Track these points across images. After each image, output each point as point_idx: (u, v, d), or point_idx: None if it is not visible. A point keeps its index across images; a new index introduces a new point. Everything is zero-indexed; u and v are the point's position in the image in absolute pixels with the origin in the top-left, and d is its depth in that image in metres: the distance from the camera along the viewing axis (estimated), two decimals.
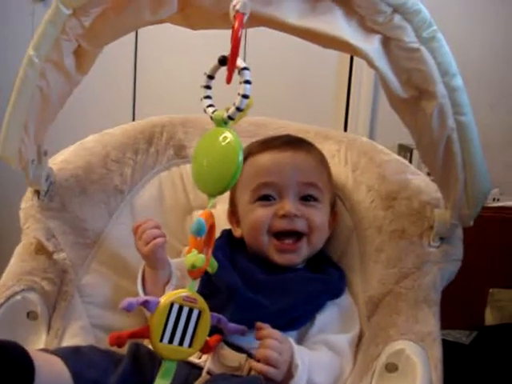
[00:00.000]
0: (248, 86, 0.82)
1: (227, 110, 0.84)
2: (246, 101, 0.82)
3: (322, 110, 2.15)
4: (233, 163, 0.82)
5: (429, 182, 1.12)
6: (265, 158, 1.15)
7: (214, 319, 0.90)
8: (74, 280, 1.11)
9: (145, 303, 0.83)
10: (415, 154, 2.11)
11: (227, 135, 0.84)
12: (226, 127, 0.85)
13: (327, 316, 1.07)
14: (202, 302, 0.86)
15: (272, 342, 0.95)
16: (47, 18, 0.93)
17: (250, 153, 1.17)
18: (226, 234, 1.18)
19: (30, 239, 1.10)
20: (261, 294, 1.04)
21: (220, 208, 1.23)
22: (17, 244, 1.12)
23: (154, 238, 1.07)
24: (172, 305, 0.84)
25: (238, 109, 0.83)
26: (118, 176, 1.22)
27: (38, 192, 1.13)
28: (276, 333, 0.97)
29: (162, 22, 0.99)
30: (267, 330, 0.97)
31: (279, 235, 1.11)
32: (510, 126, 2.35)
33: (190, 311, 0.85)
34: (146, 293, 1.08)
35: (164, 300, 0.83)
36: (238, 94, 0.82)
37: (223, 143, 0.84)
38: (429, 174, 1.14)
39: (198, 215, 0.82)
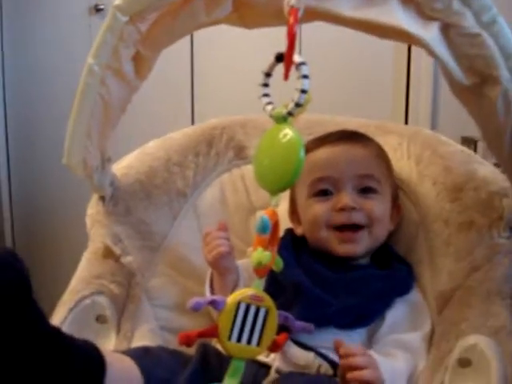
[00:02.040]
0: (306, 80, 0.81)
1: (286, 106, 0.84)
2: (304, 96, 0.82)
3: (382, 104, 2.11)
4: (294, 159, 0.82)
5: (496, 172, 1.08)
6: (320, 153, 1.14)
7: (281, 317, 0.89)
8: (142, 283, 1.13)
9: (212, 302, 0.83)
10: (479, 145, 2.05)
11: (287, 132, 0.83)
12: (286, 124, 0.85)
13: (397, 313, 1.05)
14: (268, 301, 0.86)
15: (369, 360, 0.91)
16: (105, 26, 0.95)
17: (306, 150, 1.16)
18: (289, 232, 1.18)
19: (97, 244, 1.12)
20: (327, 291, 1.04)
21: (283, 207, 1.23)
22: (84, 250, 1.15)
23: (219, 247, 1.07)
24: (239, 303, 0.83)
25: (297, 104, 0.82)
26: (181, 179, 1.23)
27: (103, 198, 1.16)
28: (365, 351, 0.94)
29: (217, 23, 1.00)
30: (354, 348, 0.92)
31: (339, 228, 1.10)
32: None
33: (257, 310, 0.85)
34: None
35: (231, 299, 0.83)
36: (297, 90, 0.82)
37: (284, 140, 0.83)
38: (496, 165, 1.10)
39: (262, 213, 0.81)
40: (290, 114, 0.83)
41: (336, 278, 1.07)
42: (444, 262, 1.06)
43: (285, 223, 1.20)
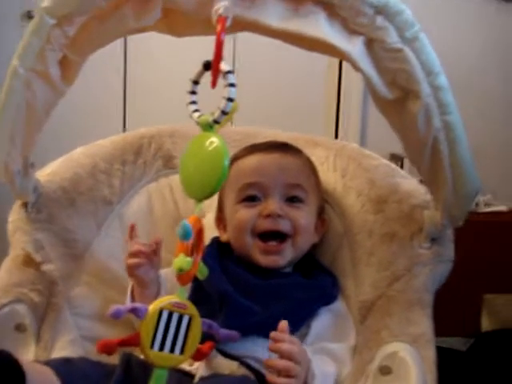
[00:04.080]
0: (233, 89, 0.82)
1: (213, 114, 0.84)
2: (231, 104, 0.82)
3: (313, 120, 2.15)
4: (219, 167, 0.82)
5: (418, 185, 1.12)
6: (250, 160, 1.16)
7: (205, 325, 0.89)
8: (63, 291, 1.10)
9: (133, 310, 0.82)
10: (406, 162, 2.11)
11: (213, 140, 0.83)
12: (212, 132, 0.85)
13: (322, 323, 1.06)
14: (192, 308, 0.85)
15: (293, 349, 0.92)
16: (31, 28, 0.93)
17: (236, 157, 1.17)
18: (215, 240, 1.18)
19: (18, 251, 1.09)
20: (251, 299, 1.04)
21: (211, 217, 1.23)
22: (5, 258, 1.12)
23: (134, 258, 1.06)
24: (161, 311, 0.82)
25: (224, 112, 0.83)
26: (107, 187, 1.21)
27: (25, 204, 1.13)
28: (295, 340, 0.95)
29: (145, 30, 0.99)
30: (286, 335, 0.93)
31: (263, 236, 1.10)
32: (502, 132, 2.36)
33: (180, 317, 0.84)
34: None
35: (153, 306, 0.82)
36: (223, 98, 0.82)
37: (209, 148, 0.83)
38: (421, 181, 1.14)
39: (184, 220, 0.81)
40: (216, 121, 0.84)
41: (260, 286, 1.07)
42: (366, 272, 1.09)
43: (213, 233, 1.20)
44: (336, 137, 2.16)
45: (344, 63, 2.12)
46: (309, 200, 1.14)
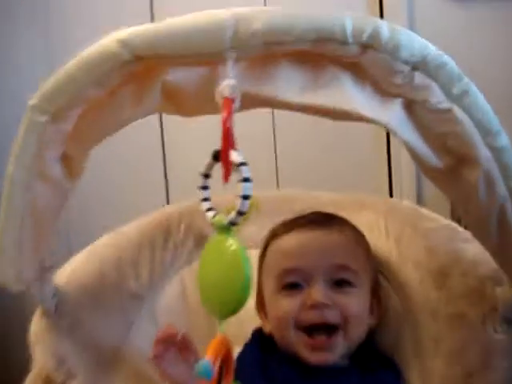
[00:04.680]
0: (248, 184, 0.69)
1: (229, 211, 0.71)
2: (247, 202, 0.69)
3: (361, 173, 1.96)
4: (240, 278, 0.69)
5: (486, 252, 0.95)
6: (289, 240, 1.02)
7: None
8: None
9: None
10: None
11: (230, 245, 0.71)
12: (228, 234, 0.72)
13: None
14: None
15: None
16: (23, 128, 0.83)
17: (274, 235, 1.04)
18: (257, 334, 1.04)
19: (39, 369, 0.98)
20: None
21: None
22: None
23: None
24: None
25: (240, 213, 0.69)
26: (134, 280, 1.09)
27: (47, 312, 1.02)
28: None
29: (150, 113, 0.88)
30: None
31: (310, 330, 0.96)
32: None
33: None
34: None
35: None
36: (238, 196, 0.69)
37: (226, 256, 0.71)
38: None
39: (205, 355, 0.67)
40: (232, 224, 0.71)
41: None
42: (435, 365, 0.92)
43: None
44: (390, 190, 1.96)
45: None
46: (359, 281, 0.99)
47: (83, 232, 1.72)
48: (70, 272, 1.07)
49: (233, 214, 0.70)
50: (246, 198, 0.69)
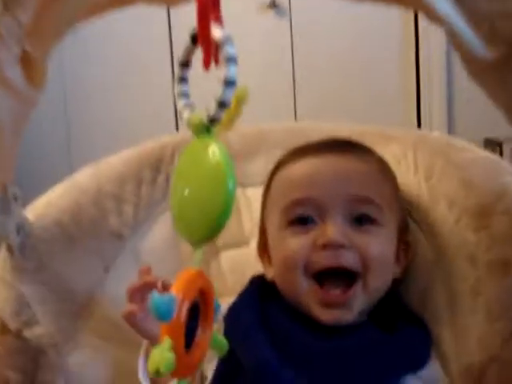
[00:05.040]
0: (232, 67, 0.52)
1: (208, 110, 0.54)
2: (231, 90, 0.52)
3: (388, 104, 1.78)
4: (219, 193, 0.52)
5: None
6: (299, 167, 0.84)
7: None
8: (56, 363, 0.82)
9: None
10: (506, 148, 1.74)
11: (210, 150, 0.54)
12: (209, 136, 0.55)
13: None
14: None
15: None
16: None
17: (280, 164, 0.87)
18: (256, 281, 0.87)
19: None
20: (306, 372, 0.72)
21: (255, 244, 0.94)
22: None
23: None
24: None
25: (222, 104, 0.52)
26: (116, 217, 0.93)
27: (11, 248, 0.87)
28: None
29: (132, 2, 0.71)
30: None
31: (322, 277, 0.78)
32: None
33: None
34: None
35: None
36: (220, 81, 0.52)
37: (205, 164, 0.54)
38: None
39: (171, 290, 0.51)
40: (213, 120, 0.54)
41: (321, 350, 0.75)
42: (471, 321, 0.75)
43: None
44: (418, 124, 1.79)
45: (421, 31, 1.74)
46: (384, 219, 0.81)
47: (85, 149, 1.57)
48: (44, 205, 0.92)
49: (213, 107, 0.53)
50: (229, 83, 0.52)
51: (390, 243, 0.81)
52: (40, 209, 0.92)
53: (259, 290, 0.84)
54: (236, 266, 0.98)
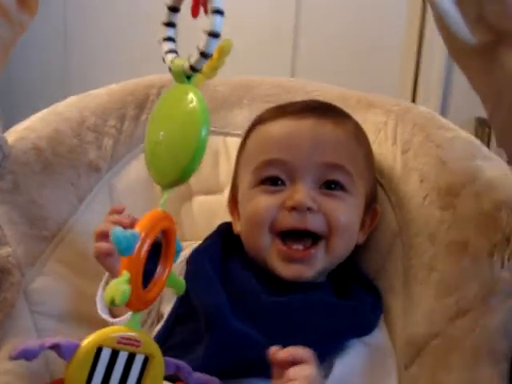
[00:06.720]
0: (218, 17, 0.52)
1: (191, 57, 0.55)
2: (215, 41, 0.53)
3: (387, 74, 1.77)
4: (192, 139, 0.53)
5: (508, 173, 0.78)
6: (275, 128, 0.85)
7: (170, 367, 0.62)
8: (20, 283, 0.83)
9: (54, 347, 0.56)
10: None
11: (188, 97, 0.55)
12: (188, 83, 0.56)
13: (351, 361, 0.75)
14: (148, 344, 0.58)
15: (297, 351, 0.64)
16: None
17: (258, 121, 0.88)
18: (223, 229, 0.89)
19: None
20: (254, 322, 0.74)
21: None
22: None
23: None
24: (100, 350, 0.56)
25: (204, 54, 0.53)
26: (95, 149, 0.94)
27: None
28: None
29: None
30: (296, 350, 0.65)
31: (286, 236, 0.80)
32: None
33: (131, 358, 0.58)
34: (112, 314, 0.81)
35: (87, 344, 0.56)
36: (205, 32, 0.53)
37: (182, 109, 0.55)
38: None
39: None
40: (194, 68, 0.54)
41: (272, 304, 0.77)
42: (422, 294, 0.77)
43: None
44: (413, 97, 1.78)
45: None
46: (354, 187, 0.82)
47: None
48: (23, 129, 0.92)
49: (195, 56, 0.53)
50: (213, 35, 0.52)
51: (357, 210, 0.83)
52: (19, 132, 0.92)
53: (224, 239, 0.86)
54: (207, 211, 0.99)
